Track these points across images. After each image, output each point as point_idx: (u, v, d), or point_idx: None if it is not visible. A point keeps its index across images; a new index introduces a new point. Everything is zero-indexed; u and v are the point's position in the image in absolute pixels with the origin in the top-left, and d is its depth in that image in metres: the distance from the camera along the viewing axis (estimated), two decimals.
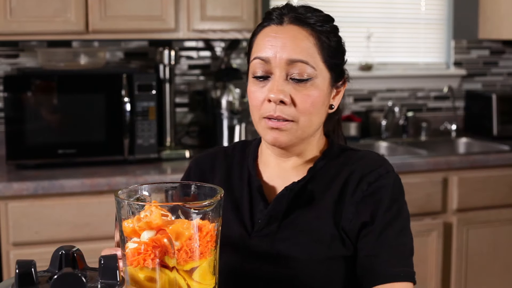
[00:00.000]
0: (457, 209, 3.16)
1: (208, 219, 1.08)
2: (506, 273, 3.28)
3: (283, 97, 1.27)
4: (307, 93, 1.28)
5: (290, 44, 1.28)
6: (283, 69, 1.28)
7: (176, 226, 1.05)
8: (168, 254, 1.05)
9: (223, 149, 1.48)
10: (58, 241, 2.57)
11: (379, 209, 1.28)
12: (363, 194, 1.29)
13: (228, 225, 1.33)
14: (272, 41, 1.29)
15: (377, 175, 1.30)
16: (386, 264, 1.26)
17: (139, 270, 1.05)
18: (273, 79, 1.29)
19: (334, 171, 1.33)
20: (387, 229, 1.28)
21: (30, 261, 0.94)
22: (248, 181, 1.38)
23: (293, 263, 1.27)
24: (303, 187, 1.32)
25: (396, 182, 1.32)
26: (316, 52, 1.29)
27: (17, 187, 2.62)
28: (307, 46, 1.29)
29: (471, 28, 3.84)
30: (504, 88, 3.95)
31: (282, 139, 1.30)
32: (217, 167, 1.44)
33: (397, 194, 1.31)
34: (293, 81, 1.28)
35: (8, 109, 2.81)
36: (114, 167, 2.87)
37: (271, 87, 1.28)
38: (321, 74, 1.30)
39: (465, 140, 3.67)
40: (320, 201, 1.31)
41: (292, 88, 1.28)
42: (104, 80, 2.91)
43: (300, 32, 1.29)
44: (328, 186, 1.32)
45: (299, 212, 1.31)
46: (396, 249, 1.27)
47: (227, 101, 3.22)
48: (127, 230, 1.07)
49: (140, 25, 2.96)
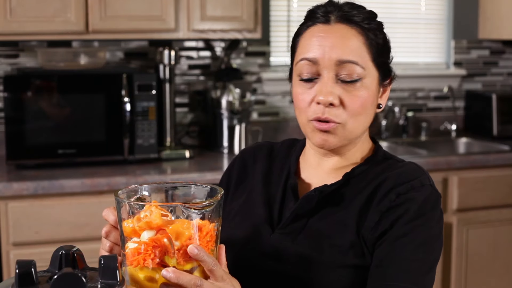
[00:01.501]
0: (457, 209, 3.16)
1: (208, 219, 1.08)
2: (506, 273, 3.28)
3: (333, 99, 1.24)
4: (356, 94, 1.25)
5: (339, 44, 1.25)
6: (332, 70, 1.25)
7: (176, 226, 1.05)
8: (168, 254, 1.05)
9: (271, 144, 1.46)
10: (58, 241, 2.57)
11: (400, 219, 1.21)
12: (390, 204, 1.22)
13: (256, 218, 1.34)
14: (320, 41, 1.25)
15: (409, 187, 1.23)
16: (391, 277, 1.18)
17: (139, 270, 1.05)
18: (321, 81, 1.26)
19: (370, 179, 1.29)
20: (404, 239, 1.20)
21: (30, 261, 0.93)
22: (286, 178, 1.36)
23: (306, 264, 1.24)
24: (334, 191, 1.29)
25: (430, 197, 1.24)
26: (365, 51, 1.26)
27: (17, 187, 2.62)
28: (356, 45, 1.26)
29: (471, 28, 3.84)
30: (504, 88, 3.95)
31: (331, 141, 1.27)
32: (259, 160, 1.43)
33: (427, 209, 1.23)
34: (343, 82, 1.25)
35: (8, 109, 2.81)
36: (114, 167, 2.87)
37: (319, 89, 1.25)
38: (370, 73, 1.27)
39: (465, 140, 3.67)
40: (348, 206, 1.27)
41: (342, 89, 1.25)
42: (104, 80, 2.91)
43: (349, 31, 1.26)
44: (360, 192, 1.27)
45: (325, 215, 1.28)
46: (409, 263, 1.19)
47: (227, 101, 3.22)
48: (127, 230, 1.07)
49: (140, 25, 2.96)
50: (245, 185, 1.42)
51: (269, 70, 3.51)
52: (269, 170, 1.41)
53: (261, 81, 3.50)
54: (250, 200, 1.38)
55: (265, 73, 3.48)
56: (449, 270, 3.17)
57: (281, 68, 3.55)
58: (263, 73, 3.49)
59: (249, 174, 1.43)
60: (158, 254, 1.05)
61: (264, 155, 1.43)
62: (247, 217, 1.35)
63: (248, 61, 3.47)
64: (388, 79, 1.34)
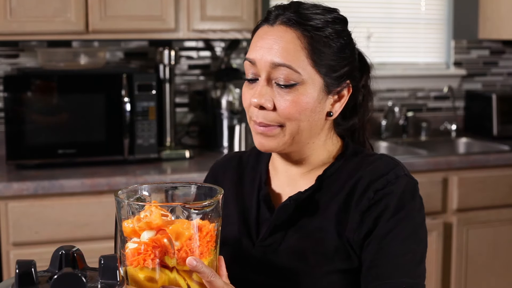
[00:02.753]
0: (457, 209, 3.16)
1: (208, 219, 1.08)
2: (506, 273, 3.28)
3: (264, 101, 1.22)
4: (290, 99, 1.22)
5: (276, 47, 1.22)
6: (267, 72, 1.23)
7: (176, 226, 1.05)
8: (168, 254, 1.05)
9: (239, 154, 1.44)
10: (58, 241, 2.57)
11: (383, 216, 1.20)
12: (369, 202, 1.21)
13: (235, 232, 1.31)
14: (260, 42, 1.24)
15: (385, 182, 1.22)
16: (387, 275, 1.17)
17: (139, 270, 1.05)
18: (257, 83, 1.24)
19: (343, 178, 1.26)
20: (390, 235, 1.19)
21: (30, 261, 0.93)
22: (258, 188, 1.34)
23: (294, 275, 1.23)
24: (309, 196, 1.26)
25: (408, 187, 1.23)
26: (304, 56, 1.22)
27: (17, 187, 2.62)
28: (293, 49, 1.21)
29: (471, 28, 3.84)
30: (504, 88, 3.95)
31: (268, 144, 1.25)
32: (229, 172, 1.40)
33: (407, 199, 1.22)
34: (278, 86, 1.22)
35: (8, 109, 2.81)
36: (114, 167, 2.87)
37: (254, 91, 1.24)
38: (310, 79, 1.22)
39: (465, 140, 3.67)
40: (326, 210, 1.24)
41: (276, 93, 1.23)
42: (104, 80, 2.91)
43: (289, 34, 1.22)
44: (335, 194, 1.25)
45: (303, 223, 1.26)
46: (401, 257, 1.18)
47: (227, 101, 3.22)
48: (127, 230, 1.07)
49: (140, 25, 2.96)
50: None
51: None
52: (239, 181, 1.38)
53: None
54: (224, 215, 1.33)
55: None
56: (449, 270, 3.17)
57: None
58: None
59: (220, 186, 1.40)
60: (158, 254, 1.05)
61: (235, 166, 1.41)
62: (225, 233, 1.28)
63: None
64: (340, 86, 1.27)
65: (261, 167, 1.36)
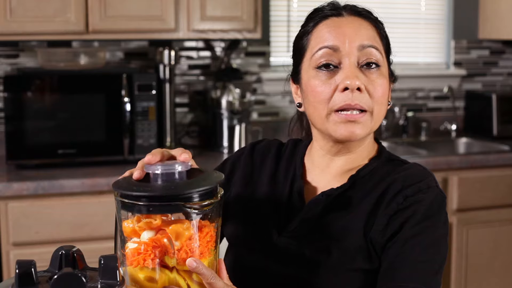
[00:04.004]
0: (457, 209, 3.16)
1: (208, 219, 1.08)
2: (506, 273, 3.28)
3: (360, 83, 1.21)
4: (378, 81, 1.23)
5: (358, 32, 1.24)
6: (354, 56, 1.22)
7: (176, 226, 1.05)
8: (168, 254, 1.05)
9: (278, 142, 1.44)
10: (58, 241, 2.57)
11: (409, 221, 1.20)
12: (398, 207, 1.21)
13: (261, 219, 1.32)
14: (337, 30, 1.24)
15: (416, 189, 1.22)
16: (403, 278, 1.17)
17: (139, 270, 1.05)
18: (343, 68, 1.22)
19: (376, 181, 1.27)
20: (413, 241, 1.19)
21: (30, 261, 0.93)
22: (292, 180, 1.34)
23: (316, 268, 1.23)
24: (341, 194, 1.27)
25: (437, 199, 1.23)
26: (379, 42, 1.26)
27: (17, 187, 2.62)
28: (373, 34, 1.26)
29: (471, 28, 3.84)
30: (504, 88, 3.95)
31: (358, 132, 1.23)
32: (268, 160, 1.40)
33: (434, 211, 1.22)
34: (364, 68, 1.23)
35: (8, 109, 2.81)
36: (114, 167, 2.87)
37: (344, 76, 1.21)
38: (384, 64, 1.26)
39: (465, 140, 3.67)
40: (355, 209, 1.25)
41: (364, 77, 1.22)
42: (104, 80, 2.91)
43: (363, 22, 1.26)
44: (367, 195, 1.25)
45: (332, 219, 1.26)
46: (418, 264, 1.18)
47: (227, 101, 3.22)
48: (127, 230, 1.07)
49: (140, 25, 2.96)
50: (249, 181, 1.39)
51: (269, 70, 3.51)
52: (276, 171, 1.38)
53: (261, 81, 3.50)
54: (255, 198, 1.36)
55: (265, 73, 3.48)
56: (449, 270, 3.17)
57: (281, 68, 3.55)
58: (263, 73, 3.49)
59: (255, 172, 1.40)
60: (158, 254, 1.05)
61: (273, 155, 1.41)
62: (252, 219, 1.33)
63: (248, 61, 3.47)
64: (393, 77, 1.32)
65: (297, 159, 1.37)
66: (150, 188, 1.06)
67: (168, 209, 1.05)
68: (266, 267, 1.27)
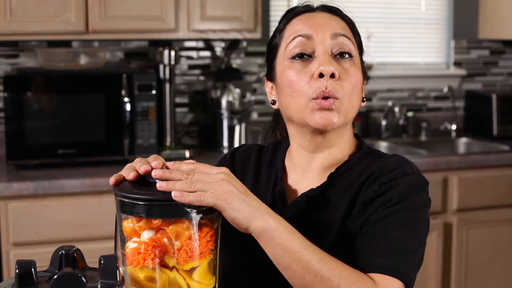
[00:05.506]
0: (457, 209, 3.16)
1: (208, 219, 1.08)
2: (506, 273, 3.28)
3: (334, 69, 1.22)
4: (350, 71, 1.25)
5: (330, 22, 1.28)
6: (328, 44, 1.25)
7: (176, 226, 1.05)
8: (168, 254, 1.05)
9: (258, 147, 1.45)
10: (58, 241, 2.57)
11: (384, 205, 1.20)
12: (373, 194, 1.21)
13: None
14: (310, 20, 1.28)
15: (392, 177, 1.22)
16: (375, 254, 1.16)
17: (139, 270, 1.05)
18: (317, 56, 1.25)
19: (355, 176, 1.27)
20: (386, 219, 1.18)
21: (30, 261, 0.93)
22: (274, 184, 1.35)
23: None
24: (321, 193, 1.28)
25: (415, 183, 1.23)
26: (351, 35, 1.29)
27: (17, 187, 2.62)
28: (344, 26, 1.29)
29: (471, 28, 3.84)
30: (504, 88, 3.95)
31: (334, 120, 1.24)
32: (250, 167, 1.41)
33: (412, 194, 1.21)
34: (337, 57, 1.26)
35: (8, 109, 2.81)
36: (114, 167, 2.86)
37: (319, 62, 1.24)
38: (357, 57, 1.29)
39: (465, 140, 3.67)
40: (335, 206, 1.26)
41: (337, 65, 1.25)
42: (104, 80, 2.91)
43: (333, 17, 1.30)
44: (346, 190, 1.26)
45: (314, 218, 1.28)
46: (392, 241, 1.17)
47: (227, 101, 3.22)
48: (127, 230, 1.07)
49: (140, 25, 2.96)
50: None
51: None
52: (257, 175, 1.39)
53: (261, 81, 3.49)
54: None
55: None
56: (449, 270, 3.17)
57: None
58: (263, 73, 3.48)
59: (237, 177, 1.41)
60: (158, 254, 1.05)
61: (254, 160, 1.42)
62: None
63: (248, 61, 3.47)
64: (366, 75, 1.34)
65: (277, 163, 1.38)
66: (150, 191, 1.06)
67: (168, 209, 1.05)
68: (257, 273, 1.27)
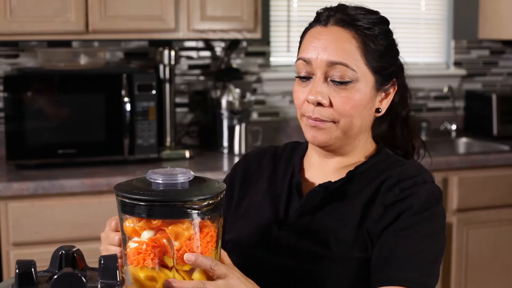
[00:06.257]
0: (457, 209, 3.16)
1: (208, 219, 1.08)
2: (506, 273, 3.28)
3: (321, 99, 1.28)
4: (346, 96, 1.28)
5: (332, 46, 1.28)
6: (323, 70, 1.29)
7: (175, 226, 1.05)
8: (168, 254, 1.05)
9: (273, 148, 1.50)
10: (58, 241, 2.57)
11: (406, 212, 1.24)
12: (395, 198, 1.26)
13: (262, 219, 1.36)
14: (315, 42, 1.30)
15: (412, 183, 1.27)
16: (400, 267, 1.20)
17: (140, 269, 1.05)
18: (313, 81, 1.30)
19: (373, 175, 1.32)
20: (409, 230, 1.23)
21: (30, 261, 0.94)
22: (291, 178, 1.39)
23: (315, 259, 1.27)
24: (339, 187, 1.32)
25: (434, 193, 1.28)
26: (358, 55, 1.29)
27: (17, 187, 2.62)
28: (349, 48, 1.28)
29: (471, 28, 3.84)
30: (504, 88, 3.95)
31: (320, 137, 1.31)
32: (265, 164, 1.46)
33: (431, 203, 1.26)
34: (333, 83, 1.29)
35: (8, 109, 2.81)
36: (114, 167, 2.87)
37: (310, 88, 1.30)
38: (363, 77, 1.29)
39: (465, 140, 3.67)
40: (352, 202, 1.30)
41: (332, 90, 1.29)
42: (104, 80, 2.91)
43: (343, 34, 1.29)
44: (363, 188, 1.31)
45: (329, 211, 1.31)
46: (415, 254, 1.21)
47: (227, 101, 3.22)
48: (128, 229, 1.07)
49: (140, 25, 2.96)
50: (249, 187, 1.45)
51: (269, 70, 3.51)
52: (273, 172, 1.44)
53: (261, 81, 3.50)
54: (255, 202, 1.41)
55: (265, 73, 3.48)
56: (449, 270, 3.17)
57: (281, 68, 3.55)
58: (263, 73, 3.49)
59: (252, 177, 1.46)
60: (158, 254, 1.05)
61: (269, 159, 1.47)
62: (253, 218, 1.38)
63: (248, 61, 3.47)
64: (388, 84, 1.35)
65: (295, 160, 1.43)
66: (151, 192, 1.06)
67: (168, 210, 1.05)
68: (268, 262, 1.31)
